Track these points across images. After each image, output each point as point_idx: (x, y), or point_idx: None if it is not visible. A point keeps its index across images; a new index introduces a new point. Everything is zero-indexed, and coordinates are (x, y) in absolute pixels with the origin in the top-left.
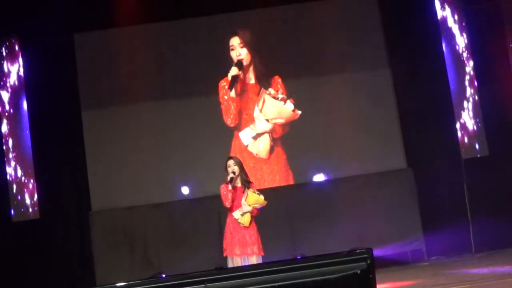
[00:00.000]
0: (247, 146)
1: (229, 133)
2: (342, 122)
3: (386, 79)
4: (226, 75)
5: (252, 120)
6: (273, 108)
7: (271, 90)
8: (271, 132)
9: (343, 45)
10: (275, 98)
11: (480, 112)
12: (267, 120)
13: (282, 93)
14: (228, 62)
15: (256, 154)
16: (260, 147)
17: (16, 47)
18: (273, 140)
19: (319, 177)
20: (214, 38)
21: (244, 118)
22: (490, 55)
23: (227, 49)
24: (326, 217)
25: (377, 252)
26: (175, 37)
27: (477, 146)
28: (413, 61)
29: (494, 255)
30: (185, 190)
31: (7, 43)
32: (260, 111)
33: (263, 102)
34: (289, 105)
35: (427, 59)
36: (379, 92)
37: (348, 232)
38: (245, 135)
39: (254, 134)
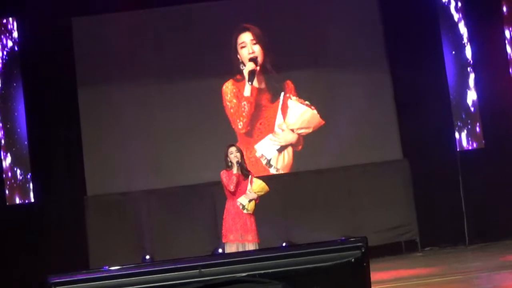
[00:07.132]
0: (268, 160)
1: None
2: (339, 112)
3: (383, 70)
4: (230, 76)
5: (267, 131)
6: (302, 117)
7: (291, 96)
8: (296, 144)
9: (340, 36)
10: (302, 104)
11: (477, 103)
12: (292, 130)
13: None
14: (230, 56)
15: (278, 170)
16: (285, 162)
17: (13, 28)
18: (295, 154)
19: (315, 166)
20: (215, 25)
21: (257, 127)
22: (488, 45)
23: (227, 38)
24: (321, 206)
25: (371, 242)
26: (173, 23)
27: (472, 138)
28: (411, 53)
29: (488, 247)
30: (180, 176)
31: (4, 23)
32: (284, 119)
33: (287, 109)
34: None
35: (424, 51)
36: (377, 83)
37: (342, 222)
38: (267, 148)
39: (278, 147)
